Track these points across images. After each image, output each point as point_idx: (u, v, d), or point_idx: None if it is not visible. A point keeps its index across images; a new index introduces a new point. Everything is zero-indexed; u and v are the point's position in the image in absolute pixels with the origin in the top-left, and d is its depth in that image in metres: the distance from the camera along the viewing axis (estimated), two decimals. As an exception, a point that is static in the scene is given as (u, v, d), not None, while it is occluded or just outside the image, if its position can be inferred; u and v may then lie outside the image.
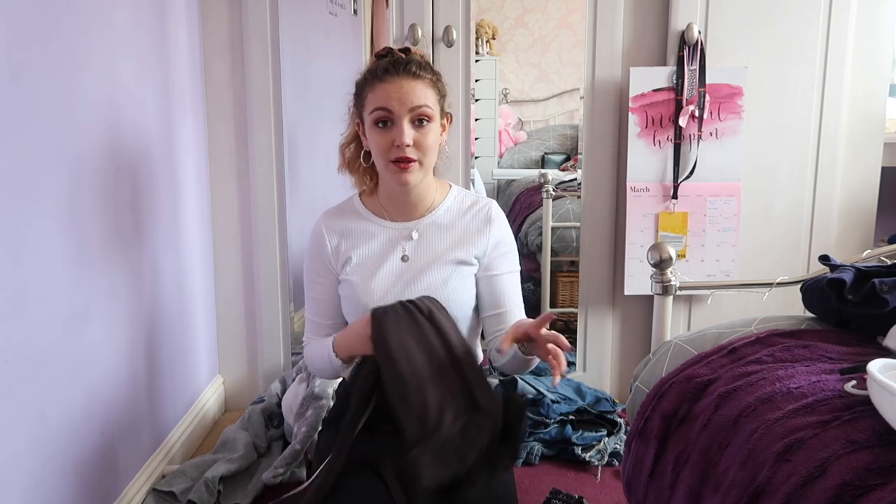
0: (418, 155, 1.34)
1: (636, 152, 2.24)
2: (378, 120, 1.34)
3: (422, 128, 1.34)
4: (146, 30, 1.85)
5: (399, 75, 1.33)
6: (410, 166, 1.34)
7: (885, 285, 1.24)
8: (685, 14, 2.17)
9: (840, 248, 2.30)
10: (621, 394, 2.39)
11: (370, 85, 1.36)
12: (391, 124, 1.34)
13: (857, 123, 2.28)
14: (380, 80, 1.34)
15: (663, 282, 1.59)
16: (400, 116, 1.32)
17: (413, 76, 1.34)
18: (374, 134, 1.36)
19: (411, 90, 1.33)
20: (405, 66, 1.34)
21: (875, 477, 0.89)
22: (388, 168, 1.35)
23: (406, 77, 1.34)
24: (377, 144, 1.35)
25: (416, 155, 1.34)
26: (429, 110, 1.34)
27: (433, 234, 1.44)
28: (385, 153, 1.34)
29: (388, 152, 1.34)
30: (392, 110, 1.32)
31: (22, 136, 1.30)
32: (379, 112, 1.33)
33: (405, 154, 1.33)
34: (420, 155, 1.35)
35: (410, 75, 1.34)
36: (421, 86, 1.34)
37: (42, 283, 1.38)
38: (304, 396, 2.00)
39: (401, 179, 1.35)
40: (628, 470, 1.34)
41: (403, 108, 1.32)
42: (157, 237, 1.91)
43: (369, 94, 1.36)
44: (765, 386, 1.14)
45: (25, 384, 1.33)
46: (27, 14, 1.32)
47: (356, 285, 1.41)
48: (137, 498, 1.78)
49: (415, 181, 1.37)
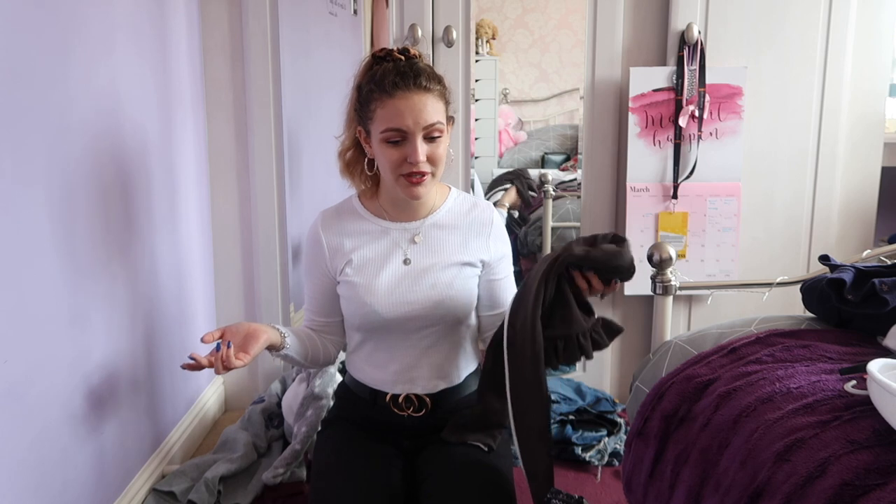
0: (431, 168, 1.33)
1: (636, 152, 2.24)
2: (390, 139, 1.31)
3: (433, 142, 1.33)
4: (146, 30, 1.85)
5: (409, 90, 1.29)
6: (424, 180, 1.33)
7: (885, 285, 1.24)
8: (685, 14, 2.17)
9: (840, 248, 2.30)
10: (621, 394, 2.39)
11: (378, 100, 1.31)
12: (403, 141, 1.31)
13: (857, 123, 2.28)
14: (389, 96, 1.29)
15: (663, 282, 1.59)
16: (414, 135, 1.30)
17: (424, 90, 1.30)
18: (384, 149, 1.33)
19: (423, 108, 1.29)
20: (415, 80, 1.29)
21: (875, 477, 0.89)
22: (398, 182, 1.34)
23: (417, 92, 1.29)
24: (388, 159, 1.33)
25: (428, 168, 1.33)
26: (441, 126, 1.32)
27: (435, 235, 1.44)
28: (396, 168, 1.33)
29: (399, 167, 1.32)
30: (406, 130, 1.29)
31: (22, 137, 1.31)
32: (391, 133, 1.30)
33: (419, 169, 1.31)
34: (432, 168, 1.34)
35: (421, 89, 1.30)
36: (432, 100, 1.31)
37: (42, 284, 1.38)
38: (304, 396, 2.00)
39: (413, 193, 1.34)
40: (628, 470, 1.35)
41: (417, 127, 1.29)
42: (157, 237, 1.91)
43: (378, 109, 1.31)
44: (765, 386, 1.14)
45: (25, 384, 1.33)
46: (26, 13, 1.32)
47: (359, 286, 1.41)
48: (137, 498, 1.78)
49: (426, 193, 1.36)
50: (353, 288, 1.41)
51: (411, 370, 1.44)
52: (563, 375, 2.45)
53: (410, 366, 1.44)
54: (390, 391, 1.44)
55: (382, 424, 1.45)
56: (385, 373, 1.45)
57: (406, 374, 1.44)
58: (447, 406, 1.45)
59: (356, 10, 2.82)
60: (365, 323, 1.42)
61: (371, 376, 1.46)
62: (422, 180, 1.33)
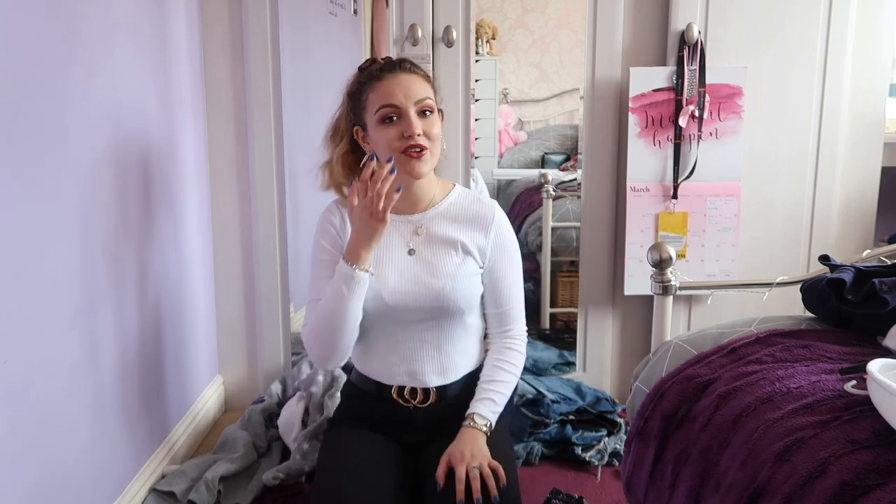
0: (428, 143, 1.38)
1: (636, 152, 2.24)
2: (385, 116, 1.37)
3: (426, 118, 1.39)
4: (146, 31, 1.85)
5: (396, 72, 1.40)
6: (423, 154, 1.37)
7: (885, 285, 1.24)
8: (685, 14, 2.17)
9: (840, 248, 2.30)
10: (621, 394, 2.39)
11: (369, 87, 1.40)
12: (398, 118, 1.37)
13: (857, 123, 2.28)
14: (378, 80, 1.39)
15: (663, 282, 1.59)
16: (407, 109, 1.36)
17: (409, 72, 1.40)
18: (380, 131, 1.38)
19: (412, 84, 1.38)
20: (399, 64, 1.41)
21: (875, 477, 0.88)
22: (399, 161, 1.37)
23: (403, 73, 1.39)
24: (386, 138, 1.37)
25: (426, 143, 1.37)
26: (431, 102, 1.40)
27: (438, 226, 1.46)
28: (395, 145, 1.36)
29: (398, 143, 1.36)
30: (399, 104, 1.36)
31: (24, 138, 1.31)
32: (386, 109, 1.37)
33: (417, 142, 1.35)
34: (429, 143, 1.38)
35: (406, 71, 1.40)
36: (418, 80, 1.41)
37: (42, 284, 1.38)
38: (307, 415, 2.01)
39: (414, 168, 1.37)
40: (628, 470, 1.35)
41: (409, 101, 1.37)
42: (157, 237, 1.91)
43: (370, 94, 1.39)
44: (765, 386, 1.14)
45: (25, 384, 1.33)
46: (28, 16, 1.32)
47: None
48: (137, 498, 1.78)
49: (426, 171, 1.40)
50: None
51: (410, 363, 1.45)
52: (563, 375, 2.45)
53: (409, 358, 1.45)
54: (394, 383, 1.45)
55: (389, 419, 1.46)
56: (386, 363, 1.46)
57: (405, 366, 1.45)
58: (452, 398, 1.46)
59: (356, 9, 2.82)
60: (369, 307, 1.42)
61: (374, 367, 1.47)
62: (421, 154, 1.37)
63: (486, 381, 1.45)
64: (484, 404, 1.41)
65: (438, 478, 1.30)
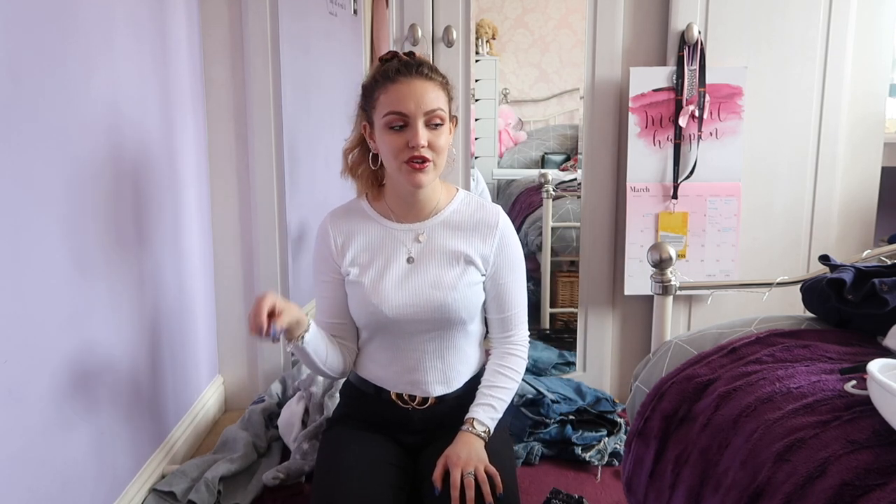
0: (432, 156, 1.34)
1: (636, 152, 2.24)
2: (392, 123, 1.33)
3: (435, 130, 1.34)
4: (146, 31, 1.85)
5: (412, 76, 1.33)
6: (426, 166, 1.34)
7: (884, 285, 1.24)
8: (685, 14, 2.17)
9: (840, 248, 2.30)
10: (621, 394, 2.39)
11: (381, 87, 1.35)
12: (405, 126, 1.33)
13: (857, 123, 2.28)
14: (392, 82, 1.34)
15: (663, 282, 1.59)
16: (415, 119, 1.32)
17: (425, 78, 1.34)
18: (386, 136, 1.35)
19: (425, 92, 1.33)
20: (417, 68, 1.34)
21: (875, 477, 0.88)
22: (401, 169, 1.35)
23: (418, 78, 1.34)
24: (390, 146, 1.34)
25: (430, 155, 1.34)
26: (442, 113, 1.35)
27: (440, 235, 1.44)
28: (399, 154, 1.34)
29: (401, 153, 1.33)
30: (407, 113, 1.32)
31: (23, 138, 1.30)
32: (394, 116, 1.33)
33: (420, 154, 1.32)
34: (434, 156, 1.35)
35: (423, 77, 1.34)
36: (433, 87, 1.34)
37: (42, 284, 1.38)
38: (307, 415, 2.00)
39: (415, 179, 1.35)
40: (628, 470, 1.34)
41: (419, 111, 1.32)
42: (157, 237, 1.91)
43: (381, 95, 1.35)
44: (765, 386, 1.14)
45: (25, 384, 1.33)
46: (28, 15, 1.32)
47: (365, 286, 1.41)
48: (137, 498, 1.78)
49: (428, 182, 1.37)
50: (360, 288, 1.42)
51: (413, 373, 1.44)
52: (563, 375, 2.45)
53: (412, 368, 1.44)
54: (393, 390, 1.45)
55: (388, 420, 1.46)
56: (388, 372, 1.46)
57: (408, 377, 1.44)
58: (451, 401, 1.45)
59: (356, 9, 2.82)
60: (371, 321, 1.42)
61: (375, 374, 1.47)
62: (423, 166, 1.34)
63: (488, 385, 1.44)
64: (484, 410, 1.40)
65: (435, 480, 1.29)
